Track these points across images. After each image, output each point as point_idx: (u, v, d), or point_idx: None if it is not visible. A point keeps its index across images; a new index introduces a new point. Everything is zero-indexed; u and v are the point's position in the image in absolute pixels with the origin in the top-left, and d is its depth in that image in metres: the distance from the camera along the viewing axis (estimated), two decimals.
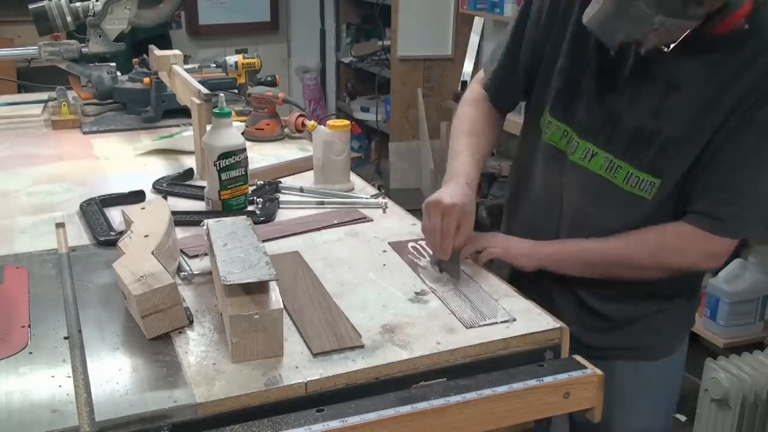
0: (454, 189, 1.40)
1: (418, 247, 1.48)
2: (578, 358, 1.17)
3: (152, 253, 1.21)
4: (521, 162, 1.60)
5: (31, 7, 2.33)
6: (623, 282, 1.41)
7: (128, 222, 1.37)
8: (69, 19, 2.34)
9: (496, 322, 1.20)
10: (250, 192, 1.75)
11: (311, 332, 1.15)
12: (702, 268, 1.43)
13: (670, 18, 1.15)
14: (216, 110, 1.61)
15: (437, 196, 1.38)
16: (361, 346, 1.12)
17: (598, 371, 1.13)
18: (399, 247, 1.48)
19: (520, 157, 1.61)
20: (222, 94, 1.66)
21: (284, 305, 1.19)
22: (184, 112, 2.10)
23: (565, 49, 1.42)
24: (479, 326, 1.19)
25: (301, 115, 2.21)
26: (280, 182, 1.80)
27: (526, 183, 1.55)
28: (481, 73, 1.63)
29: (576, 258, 1.42)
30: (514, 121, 3.84)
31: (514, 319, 1.21)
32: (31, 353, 1.11)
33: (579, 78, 1.40)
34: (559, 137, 1.45)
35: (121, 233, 1.39)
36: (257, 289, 1.11)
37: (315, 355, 1.10)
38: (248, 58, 2.52)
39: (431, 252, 1.41)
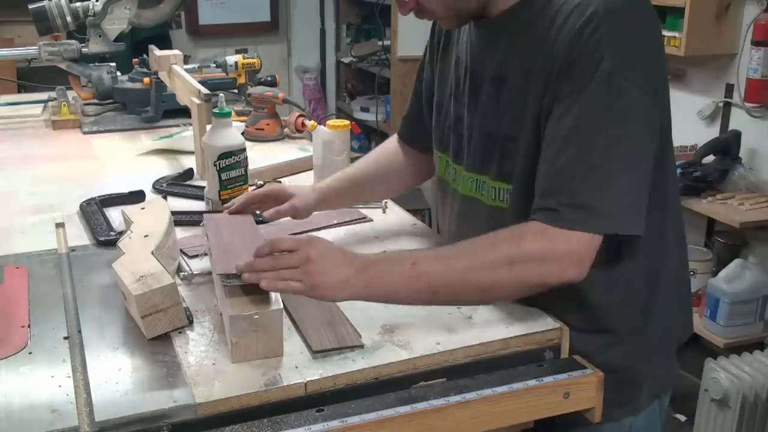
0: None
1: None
2: (578, 358, 1.17)
3: (152, 253, 1.22)
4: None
5: (31, 7, 2.33)
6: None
7: (128, 222, 1.37)
8: (69, 19, 2.34)
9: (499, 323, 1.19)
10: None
11: (311, 331, 1.15)
12: (565, 278, 1.11)
13: None
14: (216, 110, 1.60)
15: None
16: (361, 346, 1.12)
17: (599, 371, 1.13)
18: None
19: None
20: (222, 94, 1.66)
21: (284, 305, 1.19)
22: (184, 112, 2.10)
23: (437, 80, 1.39)
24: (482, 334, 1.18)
25: (301, 115, 2.21)
26: (280, 182, 1.80)
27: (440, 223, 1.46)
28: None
29: (412, 284, 1.11)
30: None
31: (512, 321, 1.19)
32: (31, 353, 1.11)
33: (444, 104, 1.35)
34: (444, 169, 1.37)
35: (121, 233, 1.39)
36: (257, 289, 1.11)
37: (315, 353, 1.10)
38: (248, 58, 2.52)
39: None
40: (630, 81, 1.08)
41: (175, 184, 1.81)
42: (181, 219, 1.55)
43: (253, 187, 1.76)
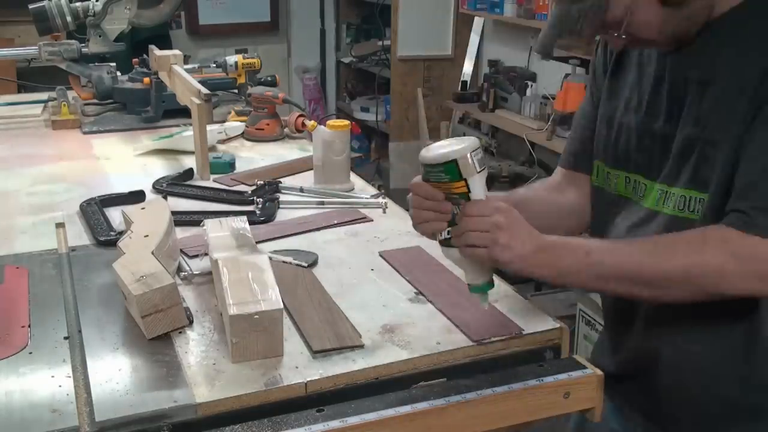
0: None
1: (409, 256, 1.43)
2: (578, 357, 1.17)
3: (152, 253, 1.22)
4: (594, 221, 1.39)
5: (31, 7, 2.33)
6: None
7: (128, 222, 1.37)
8: (69, 19, 2.34)
9: (505, 335, 1.17)
10: (249, 192, 1.75)
11: (311, 331, 1.15)
12: (746, 291, 1.07)
13: (583, 2, 1.09)
14: None
15: None
16: (362, 346, 1.12)
17: (598, 371, 1.13)
18: (389, 256, 1.45)
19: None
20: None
21: (284, 305, 1.19)
22: (184, 112, 2.10)
23: (603, 95, 1.32)
24: (489, 341, 1.16)
25: (301, 115, 2.21)
26: (280, 182, 1.80)
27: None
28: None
29: (582, 272, 1.12)
30: (513, 121, 3.84)
31: (522, 330, 1.18)
32: (31, 353, 1.11)
33: (616, 118, 1.28)
34: (623, 185, 1.28)
35: (121, 233, 1.39)
36: (257, 289, 1.11)
37: (315, 353, 1.10)
38: (248, 58, 2.52)
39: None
40: None
41: (175, 184, 1.81)
42: (181, 219, 1.55)
43: (254, 187, 1.76)
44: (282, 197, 1.73)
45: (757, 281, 1.05)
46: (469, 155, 1.09)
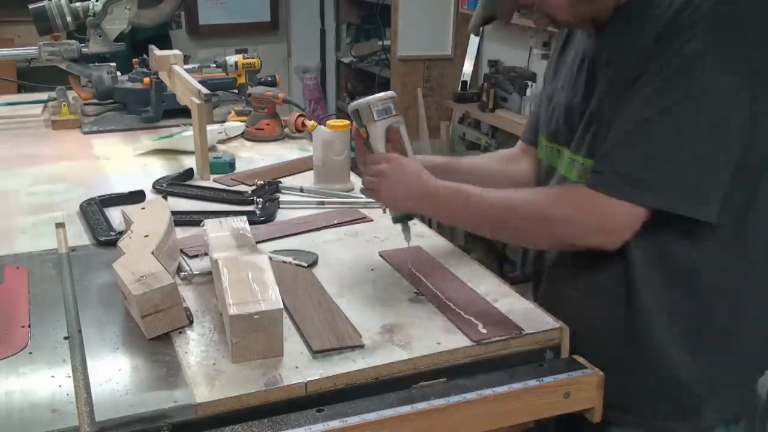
0: None
1: (409, 256, 1.43)
2: (578, 358, 1.17)
3: (152, 253, 1.21)
4: None
5: (31, 7, 2.33)
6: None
7: (128, 222, 1.37)
8: (69, 19, 2.34)
9: (505, 335, 1.17)
10: (249, 192, 1.75)
11: (311, 331, 1.15)
12: (592, 243, 1.17)
13: None
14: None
15: None
16: (362, 346, 1.12)
17: (599, 371, 1.13)
18: (388, 256, 1.45)
19: None
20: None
21: (284, 305, 1.19)
22: (184, 112, 2.10)
23: (549, 76, 1.44)
24: (489, 341, 1.16)
25: (301, 115, 2.21)
26: (280, 182, 1.80)
27: None
28: None
29: (459, 213, 1.27)
30: (513, 120, 3.84)
31: (522, 330, 1.18)
32: (31, 353, 1.11)
33: (554, 96, 1.37)
34: (555, 158, 1.37)
35: (121, 233, 1.39)
36: (257, 289, 1.11)
37: (315, 353, 1.10)
38: (248, 58, 2.52)
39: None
40: (717, 65, 1.08)
41: (175, 184, 1.81)
42: (181, 219, 1.55)
43: (254, 187, 1.76)
44: (282, 197, 1.73)
45: (603, 235, 1.16)
46: (370, 106, 1.32)
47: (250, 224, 1.39)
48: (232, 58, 2.51)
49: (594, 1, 1.21)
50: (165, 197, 1.69)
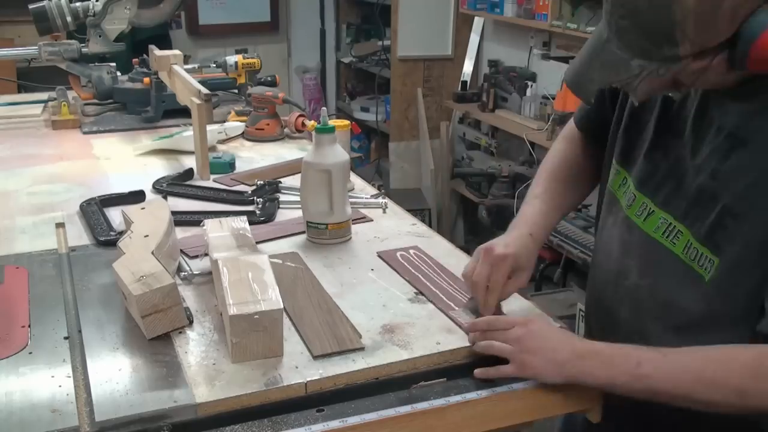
0: (513, 238, 1.23)
1: (408, 256, 1.44)
2: None
3: (152, 253, 1.21)
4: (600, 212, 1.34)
5: (31, 7, 2.33)
6: None
7: (128, 222, 1.37)
8: (69, 19, 2.34)
9: None
10: (249, 192, 1.75)
11: (311, 335, 1.15)
12: None
13: (649, 61, 0.98)
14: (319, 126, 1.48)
15: (490, 243, 1.21)
16: (362, 348, 1.12)
17: None
18: (387, 256, 1.45)
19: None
20: (324, 108, 1.63)
21: (284, 306, 1.19)
22: (184, 112, 2.10)
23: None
24: None
25: (301, 115, 2.21)
26: (280, 182, 1.80)
27: (597, 234, 1.33)
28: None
29: (632, 383, 1.04)
30: (513, 121, 3.83)
31: None
32: (31, 353, 1.11)
33: (644, 117, 1.19)
34: (618, 184, 1.23)
35: (121, 233, 1.39)
36: (257, 289, 1.11)
37: (315, 357, 1.10)
38: (248, 58, 2.52)
39: (469, 297, 1.26)
40: None
41: (175, 184, 1.81)
42: (181, 219, 1.55)
43: (254, 187, 1.76)
44: (282, 197, 1.73)
45: None
46: None
47: (250, 224, 1.39)
48: (232, 58, 2.51)
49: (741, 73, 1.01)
50: (165, 197, 1.69)
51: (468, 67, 4.51)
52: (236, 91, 2.55)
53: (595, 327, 1.31)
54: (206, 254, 1.34)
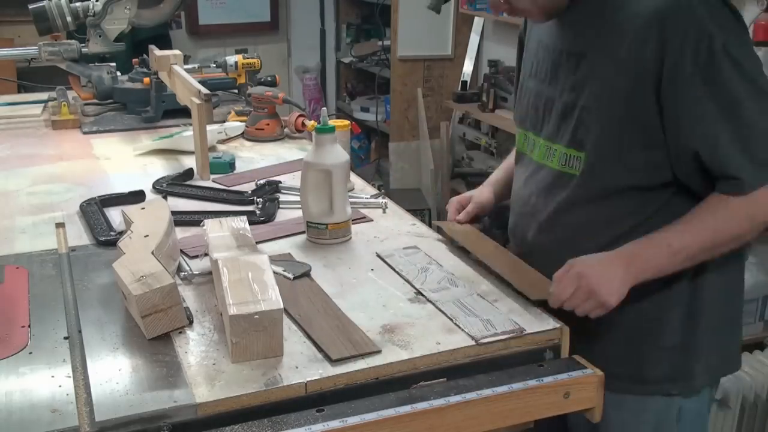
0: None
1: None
2: (578, 358, 1.17)
3: (152, 253, 1.21)
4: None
5: (31, 7, 2.33)
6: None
7: (128, 222, 1.37)
8: (69, 19, 2.34)
9: (506, 334, 1.17)
10: (249, 192, 1.75)
11: (325, 339, 1.14)
12: None
13: None
14: (319, 126, 1.49)
15: None
16: (379, 351, 1.11)
17: (598, 371, 1.13)
18: (389, 255, 1.45)
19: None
20: (325, 109, 1.65)
21: (289, 312, 1.19)
22: (184, 112, 2.10)
23: (524, 62, 1.51)
24: (489, 340, 1.16)
25: (301, 115, 2.21)
26: (280, 182, 1.80)
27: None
28: None
29: (678, 261, 1.26)
30: (512, 120, 3.83)
31: (524, 330, 1.19)
32: (31, 353, 1.11)
33: (524, 83, 1.47)
34: (523, 142, 1.48)
35: (121, 233, 1.39)
36: (257, 289, 1.11)
37: (334, 362, 1.09)
38: (248, 58, 2.52)
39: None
40: (743, 48, 1.22)
41: (175, 184, 1.81)
42: (181, 219, 1.55)
43: (254, 187, 1.76)
44: (282, 197, 1.73)
45: None
46: None
47: (250, 224, 1.40)
48: (232, 58, 2.51)
49: None
50: (165, 197, 1.69)
51: (468, 67, 4.51)
52: (236, 91, 2.55)
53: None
54: (206, 254, 1.34)
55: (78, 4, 2.37)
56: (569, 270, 1.25)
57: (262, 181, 1.79)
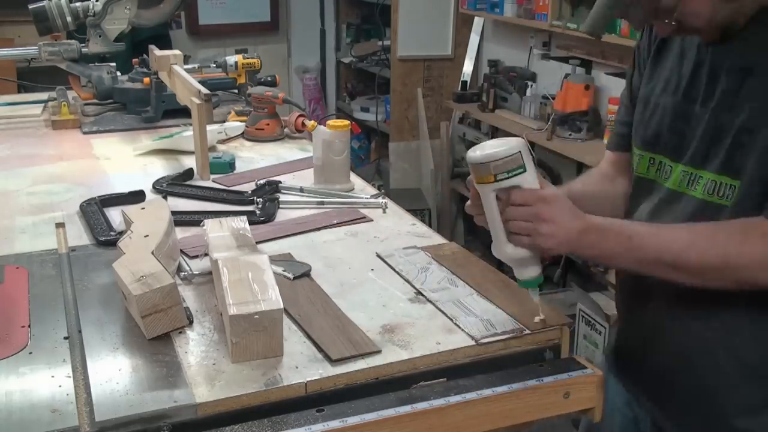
0: None
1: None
2: (578, 357, 1.17)
3: (152, 253, 1.21)
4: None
5: (31, 7, 2.33)
6: None
7: (128, 222, 1.37)
8: (69, 19, 2.34)
9: (506, 334, 1.17)
10: (249, 192, 1.75)
11: (325, 340, 1.14)
12: None
13: None
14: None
15: None
16: (379, 351, 1.11)
17: (598, 371, 1.13)
18: (389, 255, 1.44)
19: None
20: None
21: (289, 312, 1.19)
22: (184, 112, 2.10)
23: (644, 78, 1.34)
24: (489, 340, 1.16)
25: (301, 115, 2.21)
26: (280, 182, 1.80)
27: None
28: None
29: (625, 255, 1.16)
30: (513, 121, 3.83)
31: (524, 330, 1.19)
32: (31, 353, 1.11)
33: (652, 100, 1.30)
34: (647, 167, 1.31)
35: (121, 233, 1.39)
36: (257, 289, 1.11)
37: (334, 362, 1.09)
38: (248, 58, 2.52)
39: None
40: None
41: (175, 184, 1.81)
42: (181, 219, 1.55)
43: (254, 188, 1.76)
44: (282, 197, 1.73)
45: None
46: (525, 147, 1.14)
47: (250, 224, 1.39)
48: (232, 58, 2.51)
49: (740, 9, 1.14)
50: (165, 197, 1.69)
51: (468, 67, 4.51)
52: (236, 91, 2.55)
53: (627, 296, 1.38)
54: (206, 254, 1.34)
55: (78, 4, 2.37)
56: (533, 203, 1.13)
57: (262, 181, 1.79)
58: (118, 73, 2.51)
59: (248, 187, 1.79)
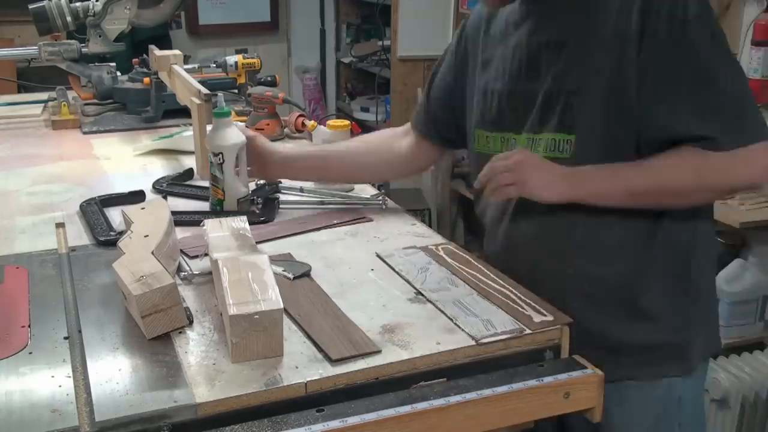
0: None
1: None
2: (578, 358, 1.17)
3: (152, 253, 1.21)
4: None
5: (31, 7, 2.33)
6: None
7: (128, 222, 1.37)
8: (69, 19, 2.34)
9: (506, 334, 1.17)
10: (249, 192, 1.75)
11: (325, 339, 1.14)
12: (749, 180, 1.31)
13: None
14: (216, 110, 1.62)
15: None
16: (379, 351, 1.11)
17: (599, 371, 1.13)
18: (389, 255, 1.44)
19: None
20: (221, 94, 1.66)
21: (289, 312, 1.19)
22: (184, 112, 2.10)
23: (478, 69, 1.51)
24: (489, 340, 1.16)
25: (301, 115, 2.21)
26: (280, 182, 1.80)
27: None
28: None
29: (618, 189, 1.31)
30: None
31: (524, 330, 1.18)
32: (31, 353, 1.11)
33: (489, 87, 1.48)
34: (485, 143, 1.49)
35: (121, 233, 1.39)
36: (257, 289, 1.11)
37: (334, 362, 1.09)
38: (248, 58, 2.52)
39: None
40: (712, 18, 1.28)
41: (175, 184, 1.81)
42: (181, 219, 1.55)
43: (254, 187, 1.76)
44: (282, 197, 1.73)
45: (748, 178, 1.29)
46: None
47: (250, 224, 1.39)
48: (232, 58, 2.51)
49: None
50: (165, 197, 1.69)
51: None
52: (236, 91, 2.55)
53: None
54: (206, 254, 1.34)
55: (78, 4, 2.37)
56: (510, 156, 1.33)
57: (262, 181, 1.79)
58: (118, 73, 2.51)
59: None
